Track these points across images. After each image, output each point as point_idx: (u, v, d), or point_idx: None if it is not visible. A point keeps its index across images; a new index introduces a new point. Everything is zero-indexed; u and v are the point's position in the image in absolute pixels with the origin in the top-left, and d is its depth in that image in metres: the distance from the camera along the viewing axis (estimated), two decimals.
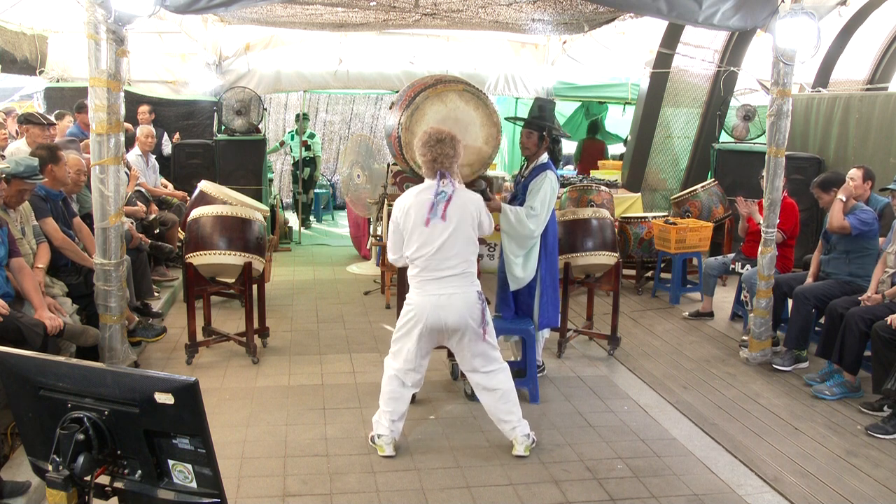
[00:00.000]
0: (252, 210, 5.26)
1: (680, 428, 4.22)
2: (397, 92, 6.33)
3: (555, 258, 4.62)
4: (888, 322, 4.23)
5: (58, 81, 8.04)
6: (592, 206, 6.69)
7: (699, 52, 8.63)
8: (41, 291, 4.00)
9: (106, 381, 1.76)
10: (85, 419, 1.75)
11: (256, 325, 5.29)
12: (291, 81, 9.40)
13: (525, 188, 4.44)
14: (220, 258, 4.94)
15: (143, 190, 6.83)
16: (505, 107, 10.81)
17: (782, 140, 4.95)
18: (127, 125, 5.86)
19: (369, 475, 3.58)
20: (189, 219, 5.16)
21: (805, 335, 5.13)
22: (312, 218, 11.54)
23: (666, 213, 7.79)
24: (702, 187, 7.67)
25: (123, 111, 4.18)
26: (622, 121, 11.33)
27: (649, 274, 7.38)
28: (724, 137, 8.77)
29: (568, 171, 10.74)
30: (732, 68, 8.48)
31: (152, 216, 6.49)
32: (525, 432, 3.79)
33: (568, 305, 5.26)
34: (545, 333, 4.80)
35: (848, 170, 5.39)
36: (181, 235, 6.64)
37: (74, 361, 1.98)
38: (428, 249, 3.56)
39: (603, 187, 7.40)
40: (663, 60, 8.50)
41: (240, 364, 5.07)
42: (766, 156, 5.04)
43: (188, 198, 6.83)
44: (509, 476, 3.60)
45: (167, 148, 8.27)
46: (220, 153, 8.33)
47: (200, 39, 8.22)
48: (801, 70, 7.82)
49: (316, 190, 11.57)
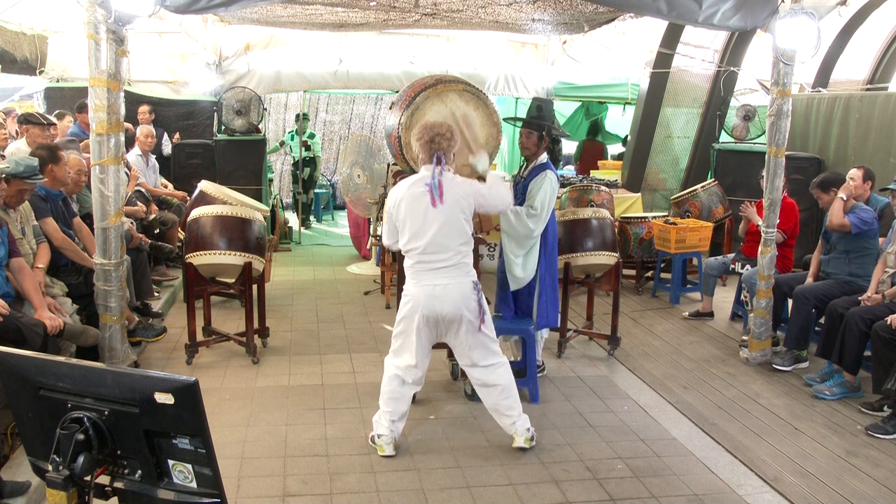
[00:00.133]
0: (252, 210, 5.26)
1: (680, 428, 4.22)
2: (397, 92, 6.33)
3: (554, 258, 4.62)
4: (888, 322, 4.23)
5: (58, 81, 8.04)
6: (592, 206, 6.68)
7: (699, 52, 8.63)
8: (41, 291, 4.00)
9: (106, 381, 1.76)
10: (85, 419, 1.75)
11: (256, 325, 5.29)
12: (291, 81, 9.40)
13: (525, 188, 4.44)
14: (220, 258, 4.95)
15: (143, 190, 6.84)
16: (505, 107, 10.81)
17: (782, 140, 4.95)
18: (127, 125, 5.86)
19: (369, 475, 3.58)
20: (189, 219, 5.16)
21: (805, 335, 5.13)
22: (312, 218, 11.54)
23: (666, 213, 7.79)
24: (702, 187, 7.67)
25: (123, 111, 4.19)
26: (622, 121, 11.32)
27: (649, 274, 7.38)
28: (724, 137, 8.76)
29: (568, 172, 10.74)
30: (732, 68, 8.47)
31: (152, 216, 6.50)
32: (525, 426, 3.81)
33: (568, 305, 5.27)
34: (545, 333, 4.80)
35: (848, 170, 5.39)
36: (181, 235, 6.64)
37: (74, 361, 1.98)
38: (420, 242, 3.58)
39: (603, 187, 7.39)
40: (663, 60, 8.49)
41: (240, 364, 5.07)
42: (766, 156, 5.04)
43: (188, 198, 6.83)
44: (509, 476, 3.60)
45: (167, 148, 8.26)
46: (220, 153, 8.33)
47: (200, 39, 8.22)
48: (801, 70, 7.81)
49: (316, 190, 11.57)
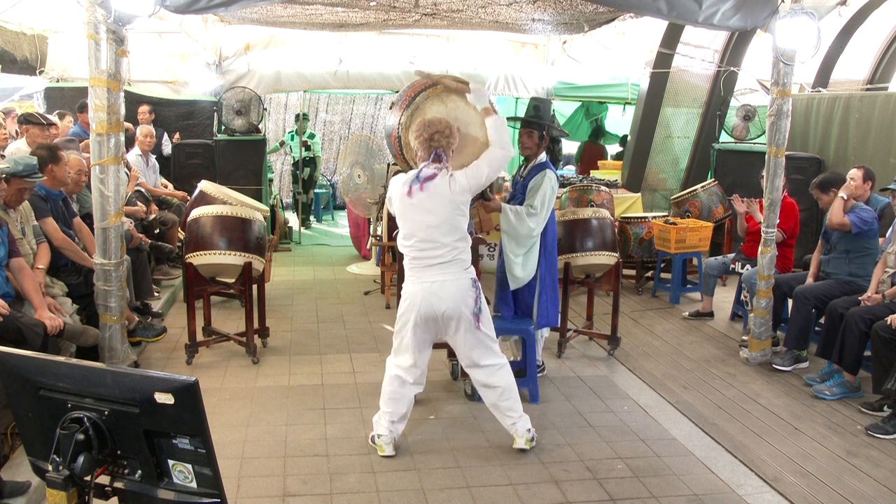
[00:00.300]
0: (252, 210, 5.26)
1: (680, 428, 4.22)
2: (397, 92, 6.33)
3: (554, 257, 4.62)
4: (888, 322, 4.23)
5: (58, 81, 8.04)
6: (592, 206, 6.68)
7: (699, 52, 8.63)
8: (41, 291, 4.00)
9: (106, 381, 1.76)
10: (85, 419, 1.75)
11: (256, 325, 5.29)
12: (291, 81, 9.40)
13: (524, 187, 4.44)
14: (220, 258, 4.95)
15: (143, 190, 6.84)
16: (505, 107, 10.80)
17: (782, 140, 4.95)
18: (127, 125, 5.86)
19: (369, 475, 3.58)
20: (189, 219, 5.16)
21: (805, 335, 5.13)
22: (312, 218, 11.54)
23: (666, 213, 7.79)
24: (702, 187, 7.67)
25: (123, 111, 4.18)
26: (622, 121, 11.33)
27: (649, 274, 7.38)
28: (724, 137, 8.76)
29: (568, 172, 10.75)
30: (732, 68, 8.47)
31: (152, 216, 6.50)
32: (526, 427, 3.81)
33: (568, 305, 5.27)
34: (545, 332, 4.80)
35: (848, 170, 5.39)
36: (181, 235, 6.64)
37: (74, 361, 1.98)
38: (414, 239, 3.58)
39: (603, 187, 7.39)
40: (663, 60, 8.49)
41: (240, 364, 5.07)
42: (766, 156, 5.04)
43: (188, 198, 6.83)
44: (509, 476, 3.60)
45: (167, 148, 8.26)
46: (220, 153, 8.33)
47: (200, 39, 8.22)
48: (801, 70, 7.81)
49: (316, 190, 11.57)
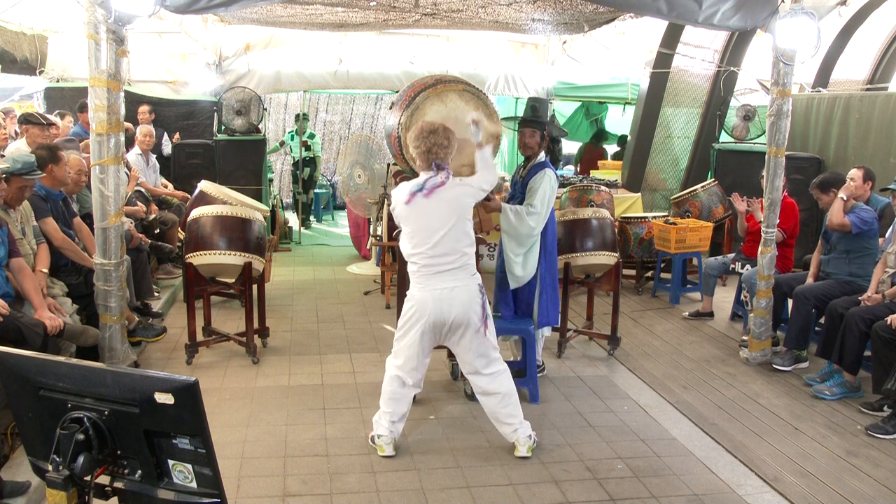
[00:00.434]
0: (252, 210, 5.26)
1: (680, 428, 4.22)
2: (397, 92, 6.33)
3: (554, 257, 4.62)
4: (888, 322, 4.23)
5: (58, 81, 8.04)
6: (592, 206, 6.68)
7: (699, 52, 8.63)
8: (41, 292, 4.00)
9: (106, 381, 1.76)
10: (85, 419, 1.75)
11: (256, 325, 5.29)
12: (291, 81, 9.40)
13: (524, 187, 4.45)
14: (220, 258, 4.94)
15: (143, 190, 6.84)
16: (505, 107, 10.81)
17: (782, 140, 4.95)
18: (127, 125, 5.86)
19: (369, 475, 3.58)
20: (189, 219, 5.16)
21: (805, 335, 5.13)
22: (312, 218, 11.54)
23: (666, 213, 7.79)
24: (702, 187, 7.67)
25: (123, 111, 4.18)
26: (622, 121, 11.33)
27: (649, 274, 7.38)
28: (724, 137, 8.76)
29: (567, 172, 10.74)
30: (732, 68, 8.47)
31: (152, 216, 6.50)
32: (527, 433, 3.79)
33: (568, 305, 5.27)
34: (546, 332, 4.80)
35: (848, 170, 5.39)
36: (181, 235, 6.64)
37: (74, 361, 1.98)
38: (425, 247, 3.55)
39: (603, 187, 7.39)
40: (663, 60, 8.49)
41: (240, 364, 5.07)
42: (766, 156, 5.04)
43: (188, 198, 6.83)
44: (509, 476, 3.60)
45: (167, 148, 8.26)
46: (220, 153, 8.33)
47: (200, 39, 8.22)
48: (801, 70, 7.81)
49: (316, 190, 11.57)
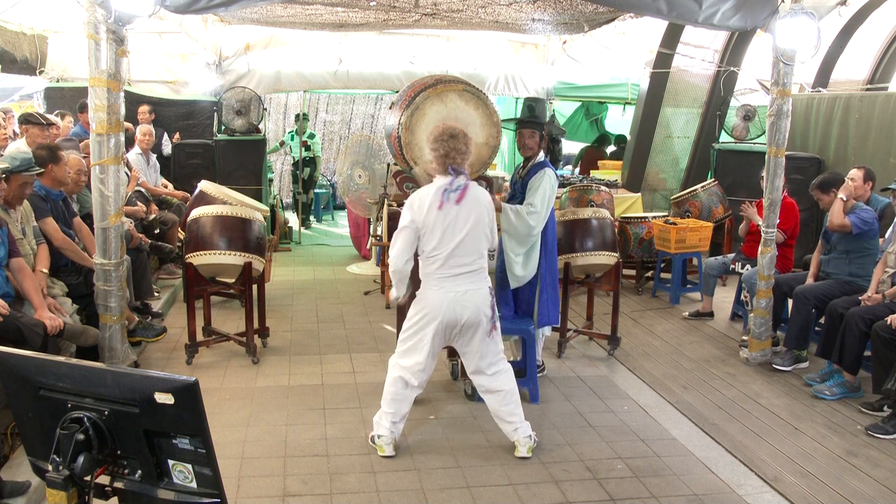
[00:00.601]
0: (252, 210, 5.26)
1: (680, 428, 4.22)
2: (397, 92, 6.33)
3: (554, 256, 4.63)
4: (888, 322, 4.23)
5: (58, 81, 8.04)
6: (592, 206, 6.68)
7: (699, 52, 8.63)
8: (41, 292, 4.00)
9: (106, 381, 1.76)
10: (85, 419, 1.75)
11: (256, 325, 5.29)
12: (291, 81, 9.40)
13: (524, 187, 4.46)
14: (220, 258, 4.94)
15: (143, 190, 6.84)
16: (505, 107, 10.81)
17: (782, 140, 4.95)
18: (127, 124, 5.86)
19: (369, 475, 3.58)
20: (189, 219, 5.16)
21: (805, 335, 5.13)
22: (312, 218, 11.54)
23: (666, 213, 7.79)
24: (702, 187, 7.66)
25: (123, 111, 4.18)
26: (622, 121, 11.33)
27: (649, 274, 7.38)
28: (724, 137, 8.76)
29: (567, 172, 10.74)
30: (732, 68, 8.47)
31: (152, 216, 6.50)
32: (527, 433, 3.79)
33: (568, 305, 5.27)
34: (546, 332, 4.81)
35: (848, 170, 5.39)
36: (181, 235, 6.64)
37: (74, 361, 1.98)
38: (448, 246, 3.53)
39: (603, 187, 7.39)
40: (663, 60, 8.49)
41: (240, 364, 5.07)
42: (766, 156, 5.04)
43: (188, 198, 6.83)
44: (509, 476, 3.60)
45: (167, 148, 8.26)
46: (220, 153, 8.33)
47: (200, 39, 8.22)
48: (801, 70, 7.81)
49: (316, 190, 11.57)
